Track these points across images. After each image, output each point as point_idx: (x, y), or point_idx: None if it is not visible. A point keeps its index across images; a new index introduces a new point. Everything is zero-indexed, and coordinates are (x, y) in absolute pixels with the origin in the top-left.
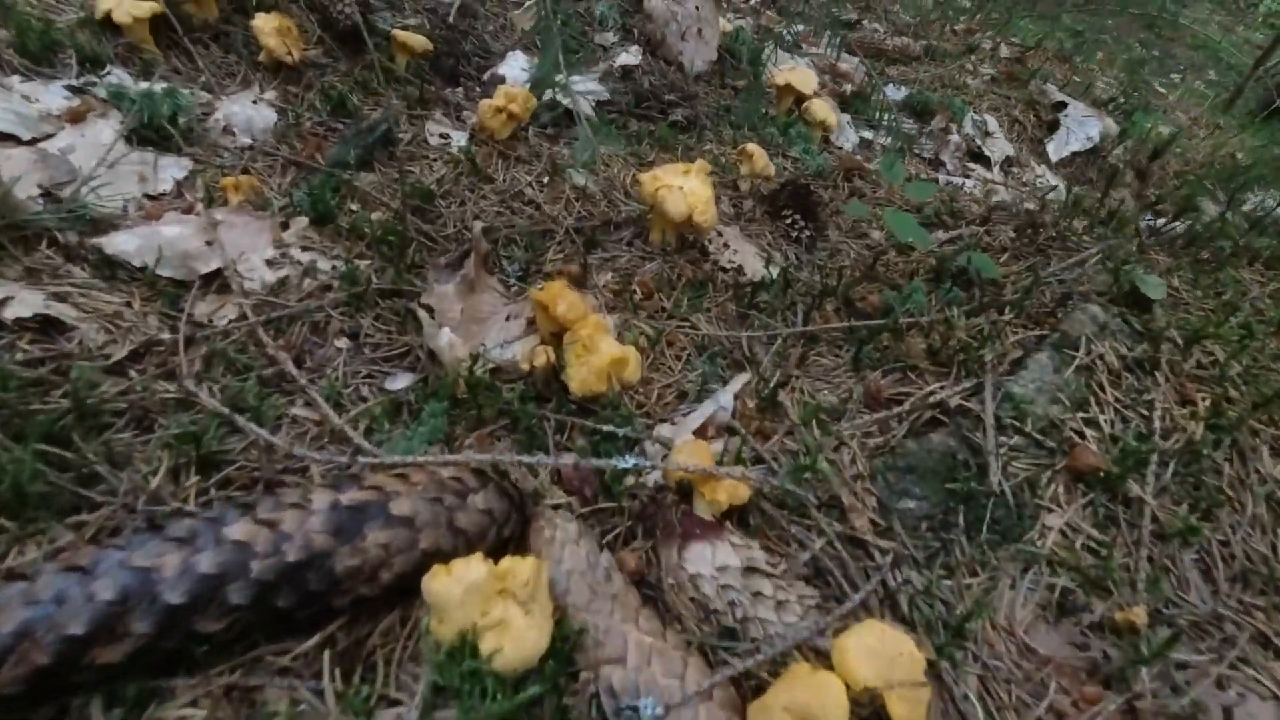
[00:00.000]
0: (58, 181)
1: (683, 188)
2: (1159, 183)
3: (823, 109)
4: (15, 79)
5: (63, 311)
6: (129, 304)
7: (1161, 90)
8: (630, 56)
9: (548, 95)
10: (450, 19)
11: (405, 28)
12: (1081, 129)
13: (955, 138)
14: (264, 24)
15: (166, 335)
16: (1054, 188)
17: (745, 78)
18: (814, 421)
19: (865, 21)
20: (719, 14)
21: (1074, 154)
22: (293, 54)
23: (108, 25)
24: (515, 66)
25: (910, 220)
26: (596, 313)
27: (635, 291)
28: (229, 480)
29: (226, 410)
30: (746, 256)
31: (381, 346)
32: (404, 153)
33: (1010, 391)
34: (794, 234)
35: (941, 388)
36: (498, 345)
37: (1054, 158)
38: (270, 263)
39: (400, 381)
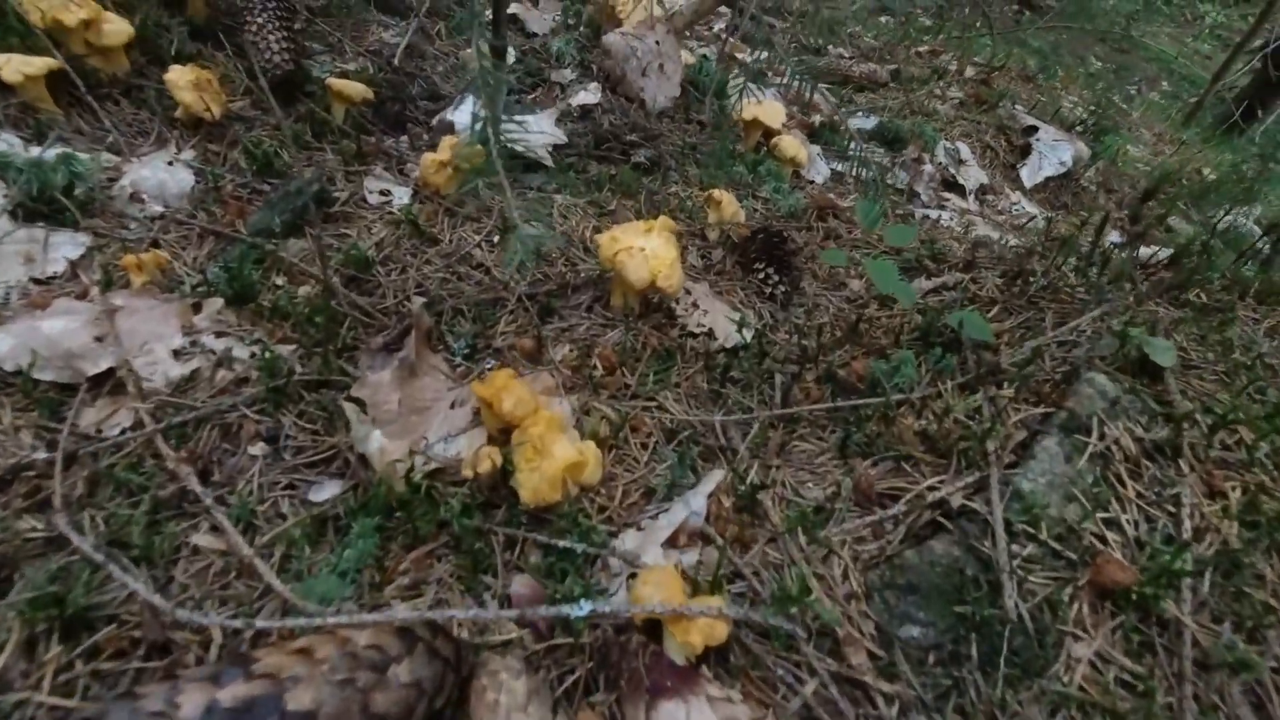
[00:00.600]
0: None
1: (645, 249)
2: (1131, 200)
3: (793, 145)
4: None
5: None
6: None
7: (1124, 107)
8: (589, 94)
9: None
10: (396, 61)
11: (345, 73)
12: (1054, 153)
13: (929, 167)
14: (178, 77)
15: (41, 455)
16: (1032, 217)
17: (711, 113)
18: (799, 529)
19: (830, 47)
20: (680, 47)
21: (1048, 179)
22: (212, 110)
23: None
24: (467, 111)
25: (892, 270)
26: (551, 399)
27: (596, 367)
28: (99, 649)
29: (100, 558)
30: (717, 318)
31: (305, 450)
32: (338, 213)
33: (1019, 489)
34: (768, 289)
35: (941, 482)
36: (440, 439)
37: (1028, 184)
38: (177, 354)
39: (326, 491)
